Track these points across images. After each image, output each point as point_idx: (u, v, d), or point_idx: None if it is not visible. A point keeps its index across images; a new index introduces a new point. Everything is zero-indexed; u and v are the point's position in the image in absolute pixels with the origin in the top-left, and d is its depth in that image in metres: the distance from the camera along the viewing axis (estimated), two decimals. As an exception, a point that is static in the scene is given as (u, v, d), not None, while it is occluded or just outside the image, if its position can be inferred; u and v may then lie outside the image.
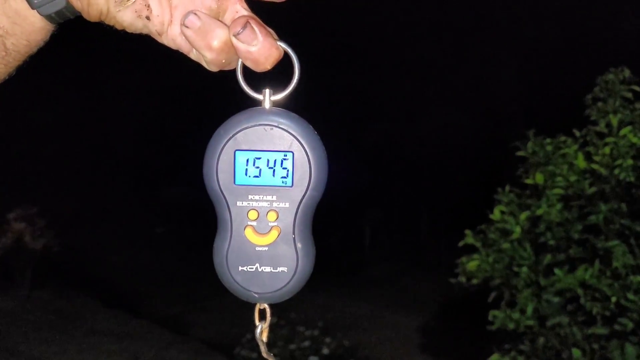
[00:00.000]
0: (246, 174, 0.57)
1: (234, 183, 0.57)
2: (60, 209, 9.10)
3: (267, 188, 0.57)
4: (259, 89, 0.58)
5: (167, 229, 12.65)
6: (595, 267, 2.93)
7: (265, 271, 0.58)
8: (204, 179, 0.58)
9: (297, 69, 0.57)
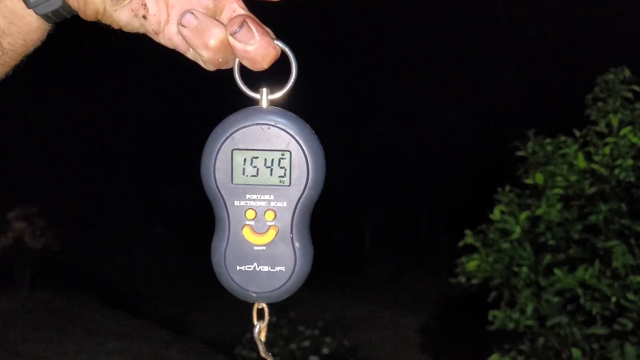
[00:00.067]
0: (244, 173, 0.57)
1: (232, 182, 0.57)
2: (60, 209, 9.10)
3: (265, 187, 0.57)
4: (256, 88, 0.58)
5: (166, 229, 12.66)
6: (595, 267, 2.92)
7: (263, 270, 0.58)
8: (201, 179, 0.58)
9: (295, 68, 0.56)
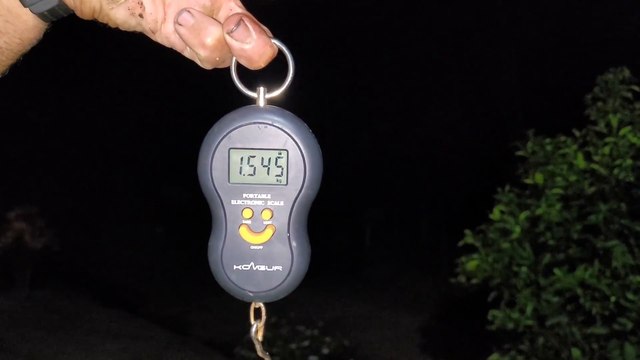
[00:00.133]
0: (240, 173, 0.57)
1: (229, 181, 0.57)
2: (60, 208, 9.10)
3: (262, 186, 0.57)
4: (253, 86, 0.58)
5: (167, 229, 12.66)
6: (594, 267, 2.92)
7: (260, 270, 0.58)
8: (198, 178, 0.58)
9: (292, 66, 0.56)
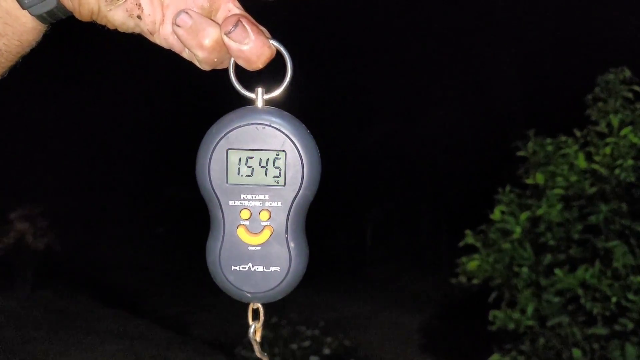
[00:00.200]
0: (238, 173, 0.57)
1: (227, 182, 0.57)
2: (61, 209, 9.11)
3: (260, 187, 0.57)
4: (251, 87, 0.58)
5: (167, 229, 12.66)
6: (595, 268, 2.92)
7: (258, 271, 0.58)
8: (196, 178, 0.58)
9: (290, 67, 0.56)
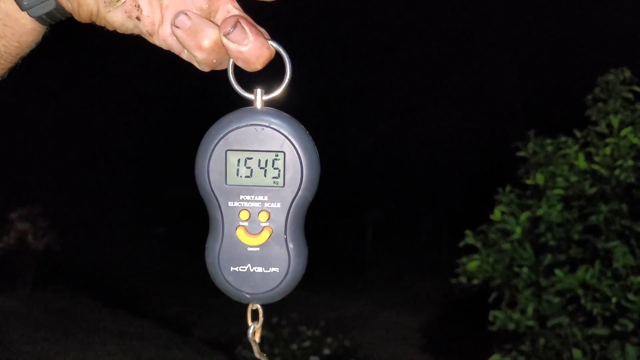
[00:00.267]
0: (237, 174, 0.57)
1: (226, 183, 0.57)
2: (62, 209, 9.11)
3: (259, 188, 0.57)
4: (250, 88, 0.58)
5: (168, 229, 12.66)
6: (595, 268, 2.92)
7: (257, 272, 0.58)
8: (195, 179, 0.58)
9: (289, 68, 0.56)
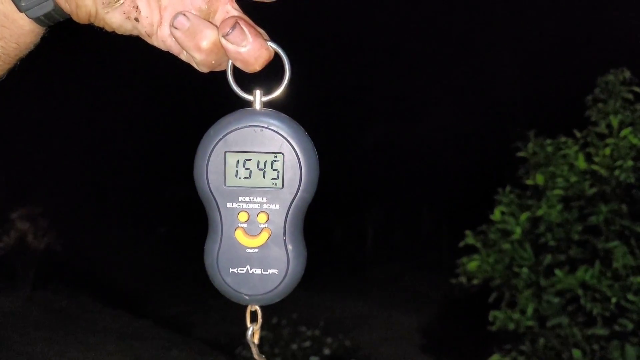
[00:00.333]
0: (236, 176, 0.57)
1: (224, 184, 0.57)
2: (63, 209, 9.11)
3: (258, 190, 0.57)
4: (250, 89, 0.57)
5: (169, 229, 12.66)
6: (595, 268, 2.92)
7: (255, 273, 0.58)
8: (194, 181, 0.58)
9: (288, 69, 0.56)
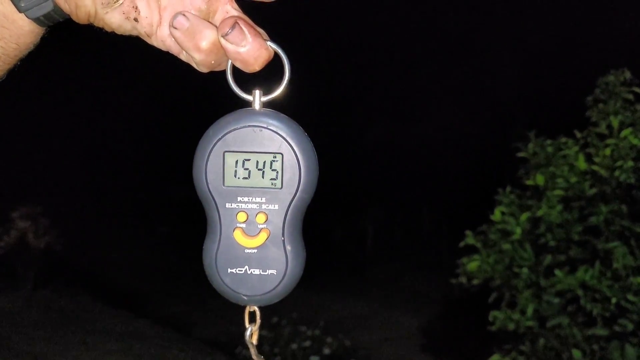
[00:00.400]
0: (235, 176, 0.56)
1: (223, 185, 0.57)
2: (63, 209, 9.11)
3: (257, 190, 0.57)
4: (249, 89, 0.57)
5: (169, 229, 12.67)
6: (595, 268, 2.92)
7: (254, 274, 0.57)
8: (193, 180, 0.57)
9: (288, 69, 0.56)
